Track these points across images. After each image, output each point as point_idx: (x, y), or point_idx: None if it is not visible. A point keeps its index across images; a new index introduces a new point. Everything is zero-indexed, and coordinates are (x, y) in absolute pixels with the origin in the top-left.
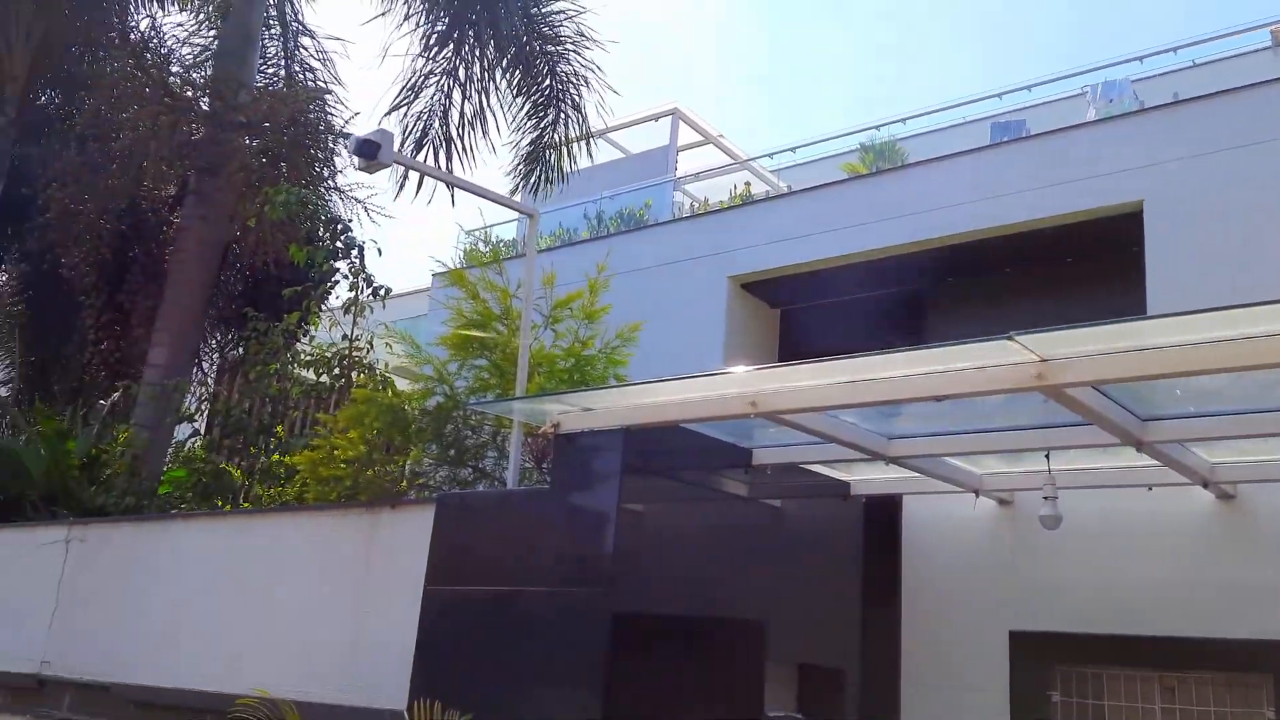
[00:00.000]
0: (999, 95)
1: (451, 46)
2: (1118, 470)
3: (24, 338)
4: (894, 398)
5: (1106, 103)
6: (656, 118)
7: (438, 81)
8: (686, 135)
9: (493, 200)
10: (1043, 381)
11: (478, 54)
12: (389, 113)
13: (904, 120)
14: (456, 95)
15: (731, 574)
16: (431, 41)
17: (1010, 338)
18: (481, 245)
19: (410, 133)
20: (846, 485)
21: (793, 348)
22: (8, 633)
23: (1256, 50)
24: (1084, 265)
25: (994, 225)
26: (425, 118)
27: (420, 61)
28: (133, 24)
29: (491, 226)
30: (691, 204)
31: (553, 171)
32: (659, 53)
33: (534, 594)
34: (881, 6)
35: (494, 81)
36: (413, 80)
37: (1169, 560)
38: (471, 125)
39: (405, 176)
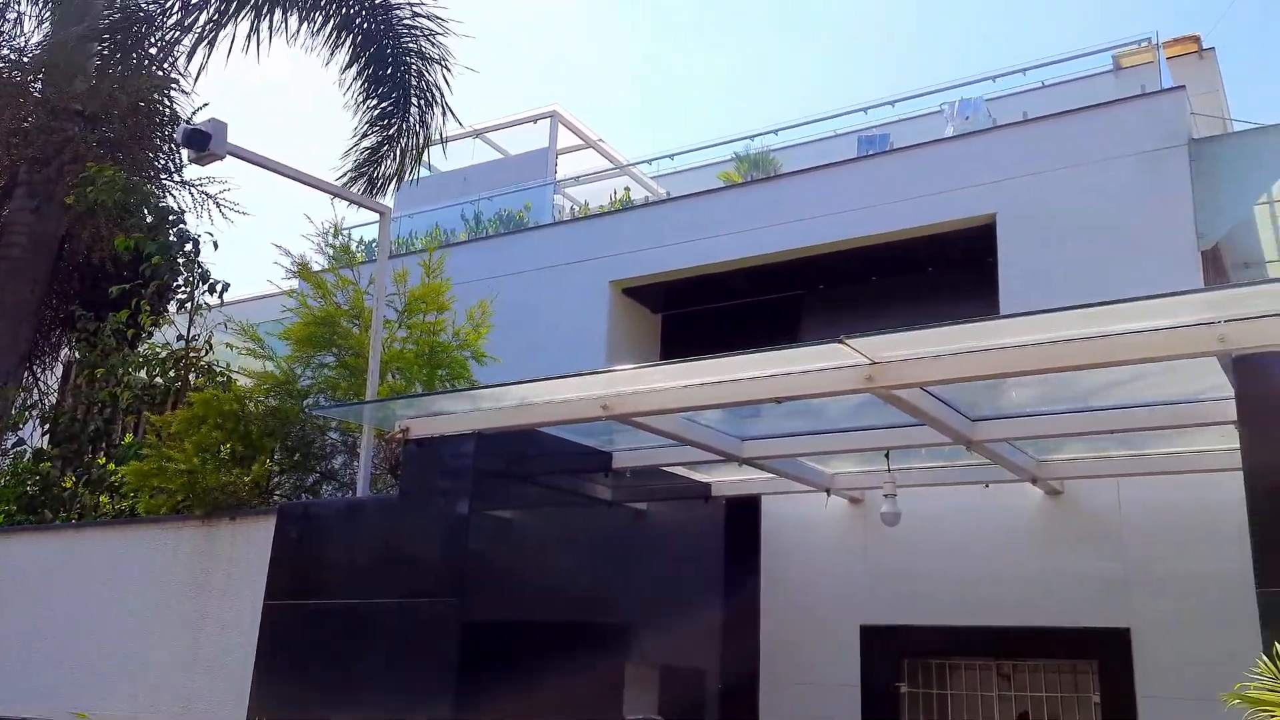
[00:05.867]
0: (864, 110)
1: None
2: (959, 468)
3: None
4: (736, 400)
5: (963, 120)
6: (535, 119)
7: None
8: (567, 139)
9: (340, 196)
10: (873, 384)
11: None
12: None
13: (776, 131)
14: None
15: (594, 579)
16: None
17: (841, 341)
18: (327, 243)
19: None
20: (708, 487)
21: (674, 352)
22: None
23: (1100, 73)
24: (945, 275)
25: (860, 235)
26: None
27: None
28: None
29: (362, 226)
30: (572, 207)
31: (397, 170)
32: (540, 58)
33: (382, 606)
34: (756, 20)
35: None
36: None
37: (1005, 554)
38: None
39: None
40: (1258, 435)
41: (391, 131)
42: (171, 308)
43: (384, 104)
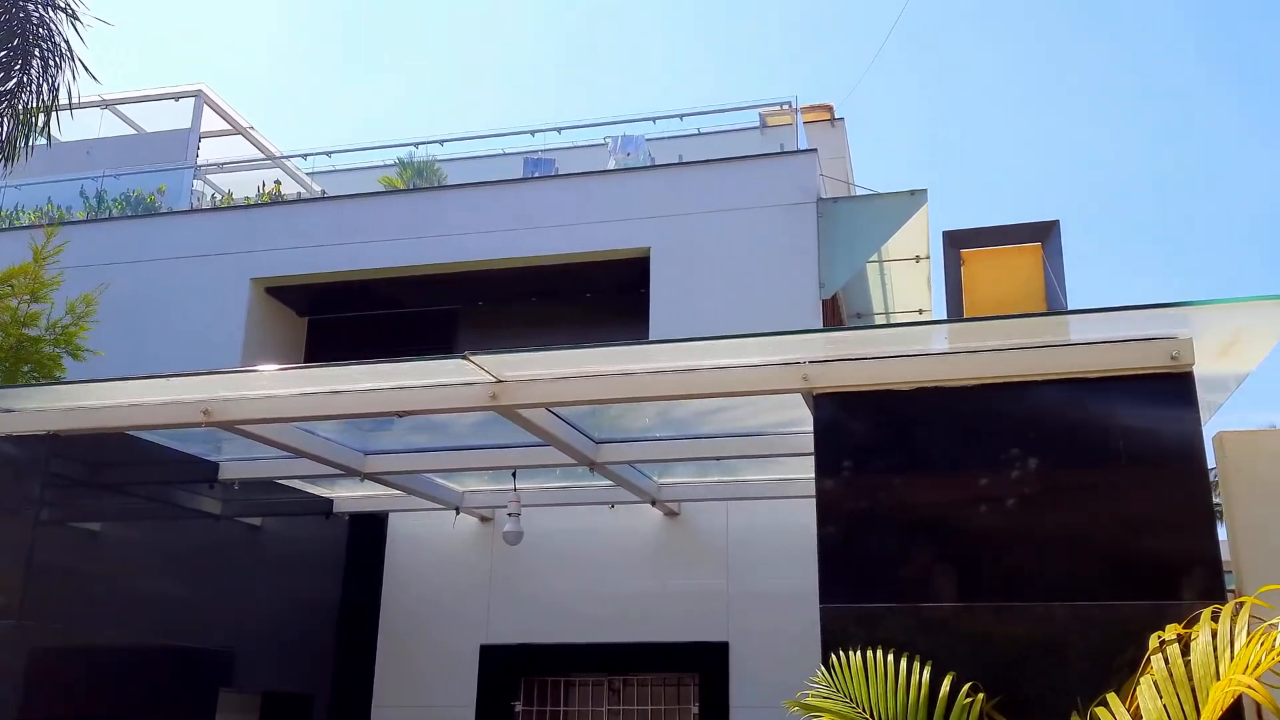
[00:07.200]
0: (532, 133)
1: None
2: (588, 489)
3: None
4: (354, 411)
5: (624, 155)
6: (178, 97)
7: None
8: (214, 122)
9: None
10: (497, 402)
11: None
12: None
13: (443, 143)
14: None
15: (193, 598)
16: None
17: (466, 357)
18: None
19: None
20: (329, 502)
21: (320, 359)
22: None
23: (748, 128)
24: (604, 302)
25: (522, 255)
26: None
27: None
28: None
29: None
30: (214, 195)
31: (15, 133)
32: (186, 34)
33: None
34: (431, 31)
35: None
36: None
37: (624, 573)
38: None
39: None
40: (827, 466)
41: (9, 87)
42: None
43: None
